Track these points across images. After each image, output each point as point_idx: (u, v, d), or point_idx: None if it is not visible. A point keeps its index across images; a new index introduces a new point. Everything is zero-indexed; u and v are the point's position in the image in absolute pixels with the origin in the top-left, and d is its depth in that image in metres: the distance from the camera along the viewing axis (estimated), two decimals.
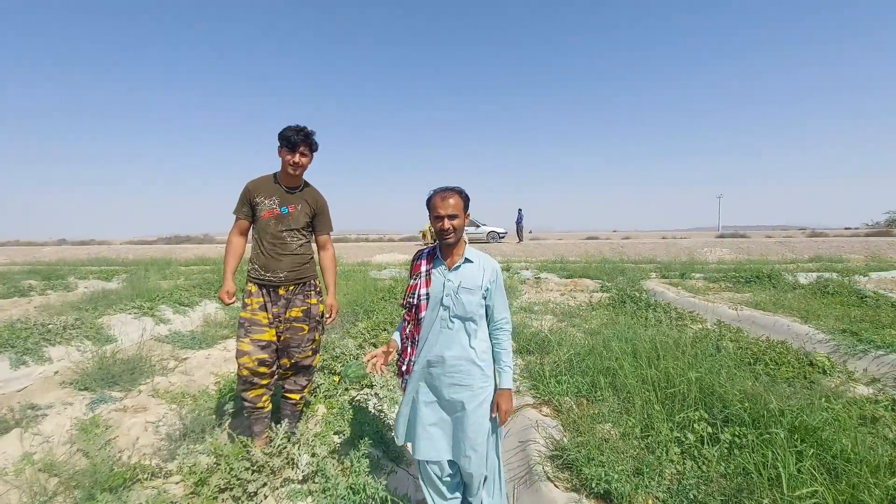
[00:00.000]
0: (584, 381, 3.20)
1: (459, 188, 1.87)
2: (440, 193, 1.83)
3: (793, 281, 8.70)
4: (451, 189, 1.85)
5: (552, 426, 2.60)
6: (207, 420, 2.99)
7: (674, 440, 2.44)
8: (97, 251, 22.19)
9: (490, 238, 23.98)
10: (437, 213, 1.80)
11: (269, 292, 2.49)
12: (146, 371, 4.07)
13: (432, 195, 1.86)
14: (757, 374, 3.56)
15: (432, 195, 1.86)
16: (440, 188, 1.87)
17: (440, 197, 1.82)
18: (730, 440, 2.41)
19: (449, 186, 1.86)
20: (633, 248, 18.84)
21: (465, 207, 1.87)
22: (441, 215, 1.80)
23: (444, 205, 1.80)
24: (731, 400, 2.68)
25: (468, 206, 1.89)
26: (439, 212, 1.80)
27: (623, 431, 2.54)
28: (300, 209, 2.53)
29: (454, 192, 1.84)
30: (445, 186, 1.87)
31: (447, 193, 1.82)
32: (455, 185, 1.88)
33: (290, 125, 2.45)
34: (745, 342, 4.42)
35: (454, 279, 1.85)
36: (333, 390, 3.30)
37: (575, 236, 32.23)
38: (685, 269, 11.08)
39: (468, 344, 1.84)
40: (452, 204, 1.80)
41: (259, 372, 2.42)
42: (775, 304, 6.66)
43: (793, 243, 18.70)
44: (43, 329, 5.04)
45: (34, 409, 3.27)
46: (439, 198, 1.82)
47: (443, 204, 1.80)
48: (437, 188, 1.88)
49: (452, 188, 1.86)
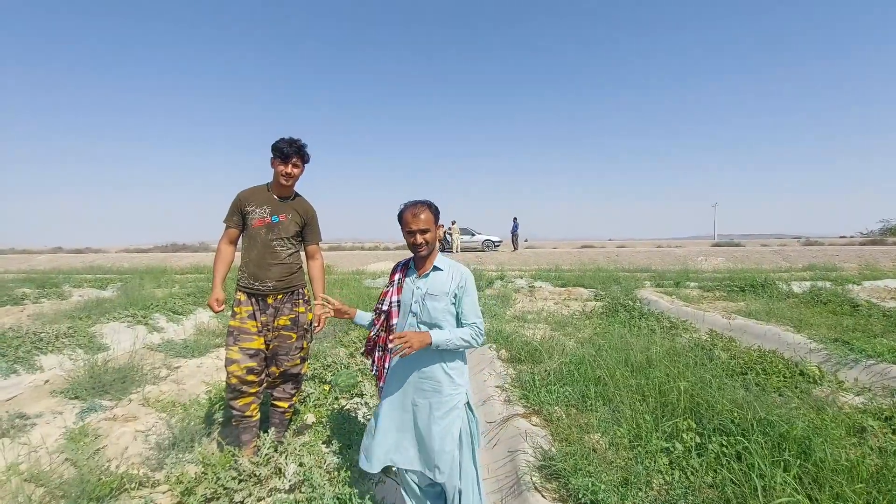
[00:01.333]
0: (574, 390, 3.20)
1: (429, 202, 1.90)
2: (411, 209, 1.86)
3: (787, 290, 8.74)
4: (421, 203, 1.88)
5: (541, 436, 2.60)
6: (197, 429, 2.98)
7: (662, 450, 2.45)
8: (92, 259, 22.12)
9: (485, 246, 24.01)
10: (409, 228, 1.83)
11: (257, 301, 2.51)
12: (137, 380, 4.05)
13: (403, 211, 1.88)
14: (747, 384, 3.58)
15: (403, 211, 1.88)
16: (410, 203, 1.89)
17: (411, 213, 1.84)
18: (717, 450, 2.42)
19: (418, 201, 1.89)
20: (628, 256, 18.91)
21: (436, 220, 1.90)
22: (413, 230, 1.83)
23: (416, 220, 1.83)
24: (720, 409, 2.69)
25: (438, 218, 1.92)
26: (411, 227, 1.83)
27: (612, 441, 2.54)
28: (290, 218, 2.56)
29: (424, 206, 1.87)
30: (415, 201, 1.89)
31: (417, 209, 1.85)
32: (424, 199, 1.90)
33: (283, 137, 2.49)
34: (737, 351, 4.44)
35: (422, 286, 1.88)
36: (323, 399, 3.29)
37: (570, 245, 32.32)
38: (680, 277, 11.11)
39: (436, 352, 1.85)
40: (423, 219, 1.83)
41: (247, 380, 2.43)
42: (768, 314, 6.68)
43: (787, 252, 18.82)
44: (35, 338, 5.02)
45: (23, 418, 3.24)
46: (410, 214, 1.84)
47: (414, 220, 1.83)
48: (406, 203, 1.90)
49: (422, 202, 1.88)
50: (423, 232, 1.83)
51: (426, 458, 1.83)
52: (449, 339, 1.79)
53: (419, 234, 1.83)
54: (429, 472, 1.80)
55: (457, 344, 1.81)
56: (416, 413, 1.86)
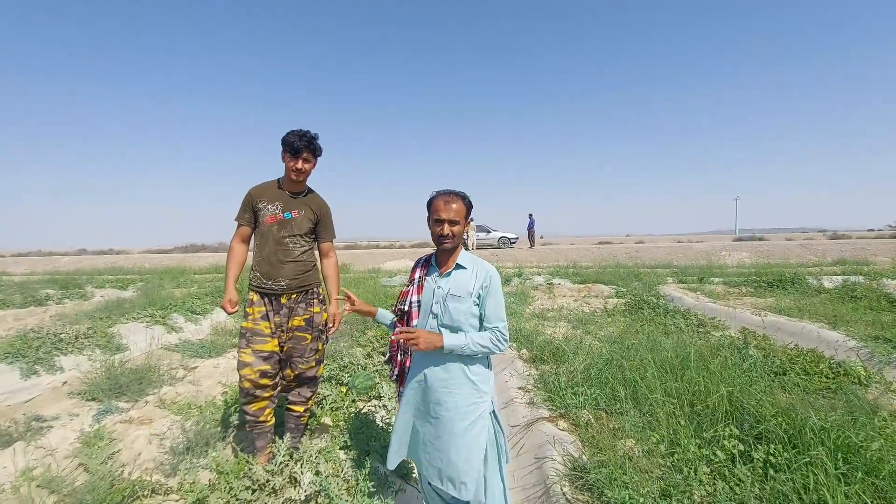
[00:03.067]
0: (602, 392, 3.04)
1: (464, 193, 1.77)
2: (444, 196, 1.73)
3: (817, 285, 8.39)
4: (455, 193, 1.75)
5: (570, 442, 2.45)
6: (212, 433, 2.90)
7: (702, 458, 2.27)
8: (115, 260, 22.56)
9: (501, 244, 23.80)
10: (439, 216, 1.70)
11: (270, 301, 2.40)
12: (154, 381, 4.01)
13: (435, 197, 1.76)
14: (786, 385, 3.37)
15: (435, 197, 1.76)
16: (444, 190, 1.76)
17: (443, 200, 1.72)
18: (764, 459, 2.24)
19: (453, 190, 1.76)
20: (648, 252, 18.49)
21: (467, 215, 1.77)
22: (443, 219, 1.70)
23: (447, 209, 1.70)
24: (763, 414, 2.50)
25: (470, 213, 1.79)
26: (441, 215, 1.70)
27: (647, 448, 2.38)
28: (303, 214, 2.45)
29: (458, 196, 1.74)
30: (449, 190, 1.76)
31: (451, 197, 1.72)
32: (459, 190, 1.77)
33: (293, 130, 2.37)
34: (773, 350, 4.20)
35: (444, 286, 1.75)
36: (340, 402, 3.19)
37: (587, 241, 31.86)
38: (703, 273, 10.77)
39: (458, 356, 1.72)
40: (455, 209, 1.70)
41: (261, 384, 2.33)
42: (800, 310, 6.39)
43: (814, 246, 18.16)
44: (55, 338, 5.04)
45: (39, 420, 3.21)
46: (442, 201, 1.72)
47: (446, 208, 1.70)
48: (440, 190, 1.77)
49: (457, 193, 1.75)
50: (452, 223, 1.70)
51: (450, 473, 1.69)
52: (464, 345, 1.66)
53: (448, 224, 1.69)
54: (453, 489, 1.66)
55: (473, 350, 1.68)
56: (438, 424, 1.73)
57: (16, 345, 4.72)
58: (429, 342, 1.61)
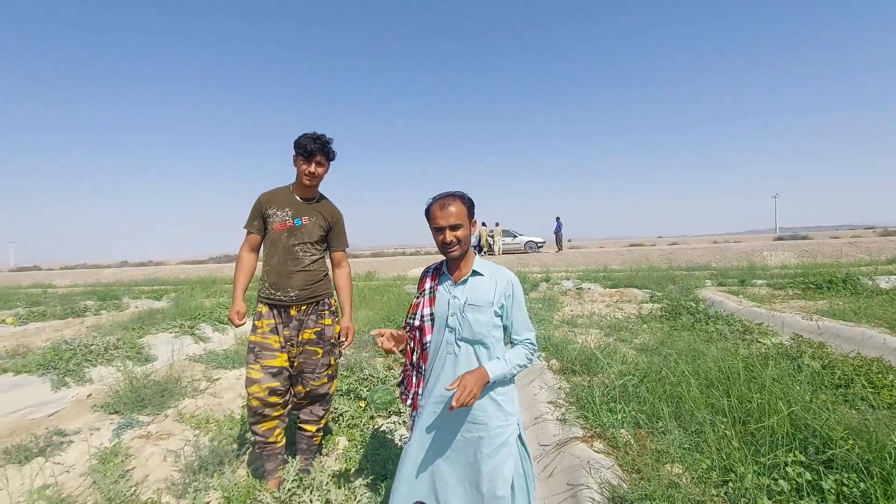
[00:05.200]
0: (642, 409, 2.77)
1: (461, 193, 1.59)
2: (439, 202, 1.55)
3: (872, 285, 7.76)
4: (450, 195, 1.57)
5: (607, 466, 2.20)
6: (226, 450, 2.79)
7: (762, 488, 1.99)
8: (153, 272, 23.40)
9: (528, 248, 23.43)
10: (438, 223, 1.53)
11: (279, 313, 2.27)
12: (176, 393, 3.97)
13: (430, 204, 1.58)
14: (852, 400, 3.01)
15: (430, 204, 1.58)
16: (438, 195, 1.59)
17: (439, 205, 1.54)
18: (836, 490, 1.94)
19: (449, 192, 1.58)
20: (683, 254, 17.74)
21: (470, 214, 1.58)
22: (441, 226, 1.52)
23: (445, 214, 1.52)
24: (831, 436, 2.18)
25: (473, 212, 1.60)
26: (439, 222, 1.53)
27: (696, 475, 2.10)
28: (314, 221, 2.31)
29: (455, 197, 1.56)
30: (445, 193, 1.58)
31: (447, 200, 1.54)
32: (456, 191, 1.59)
33: (306, 132, 2.25)
34: (833, 360, 3.80)
35: (460, 295, 1.57)
36: (358, 418, 3.03)
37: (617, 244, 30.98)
38: (745, 275, 10.17)
39: None
40: (454, 212, 1.52)
41: (270, 402, 2.19)
42: (857, 313, 5.87)
43: (864, 243, 16.99)
44: (86, 350, 5.11)
45: (60, 434, 3.18)
46: (438, 206, 1.54)
47: (442, 213, 1.52)
48: (435, 196, 1.60)
49: (453, 193, 1.57)
50: (453, 228, 1.52)
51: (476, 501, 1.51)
52: (507, 372, 1.51)
53: (449, 230, 1.52)
54: None
55: (514, 373, 1.53)
56: (460, 452, 1.54)
57: (48, 356, 4.80)
58: (479, 383, 1.42)
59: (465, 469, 1.55)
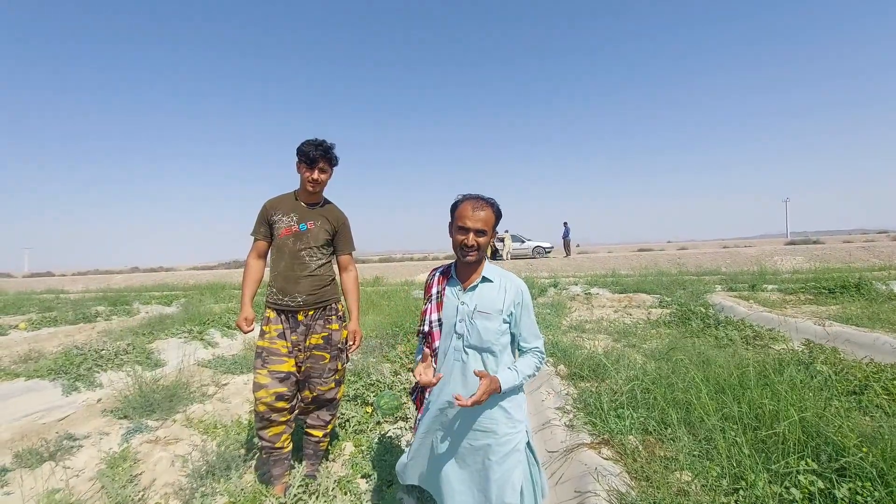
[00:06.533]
0: (650, 415, 2.73)
1: (493, 200, 1.57)
2: (472, 201, 1.53)
3: (886, 291, 7.63)
4: (484, 200, 1.55)
5: (615, 473, 2.18)
6: (233, 455, 2.80)
7: (774, 497, 1.95)
8: (163, 277, 23.64)
9: (536, 253, 23.35)
10: (465, 223, 1.51)
11: (287, 318, 2.28)
12: (185, 398, 3.99)
13: (461, 200, 1.56)
14: (866, 407, 2.95)
15: (461, 200, 1.56)
16: (471, 195, 1.57)
17: (471, 206, 1.52)
18: (849, 499, 1.90)
19: (482, 196, 1.56)
20: (693, 258, 17.58)
21: (496, 225, 1.57)
22: (468, 227, 1.50)
23: (475, 217, 1.50)
24: (845, 443, 2.14)
25: (498, 223, 1.59)
26: (467, 223, 1.50)
27: (706, 483, 2.07)
28: (319, 226, 2.33)
29: (488, 204, 1.54)
30: (478, 195, 1.56)
31: (480, 203, 1.53)
32: (489, 197, 1.57)
33: (308, 139, 2.27)
34: (845, 366, 3.74)
35: (469, 301, 1.55)
36: (364, 424, 3.02)
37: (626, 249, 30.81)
38: (755, 280, 10.04)
39: None
40: (483, 217, 1.51)
41: (277, 407, 2.19)
42: (871, 319, 5.77)
43: (878, 248, 16.74)
44: (96, 355, 5.16)
45: (70, 439, 3.22)
46: (470, 206, 1.52)
47: (473, 216, 1.50)
48: (467, 194, 1.58)
49: (487, 199, 1.56)
50: (479, 233, 1.50)
51: None
52: (518, 383, 1.51)
53: (474, 233, 1.50)
54: None
55: (524, 382, 1.53)
56: (467, 458, 1.53)
57: (60, 361, 4.87)
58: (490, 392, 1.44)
59: (472, 476, 1.54)
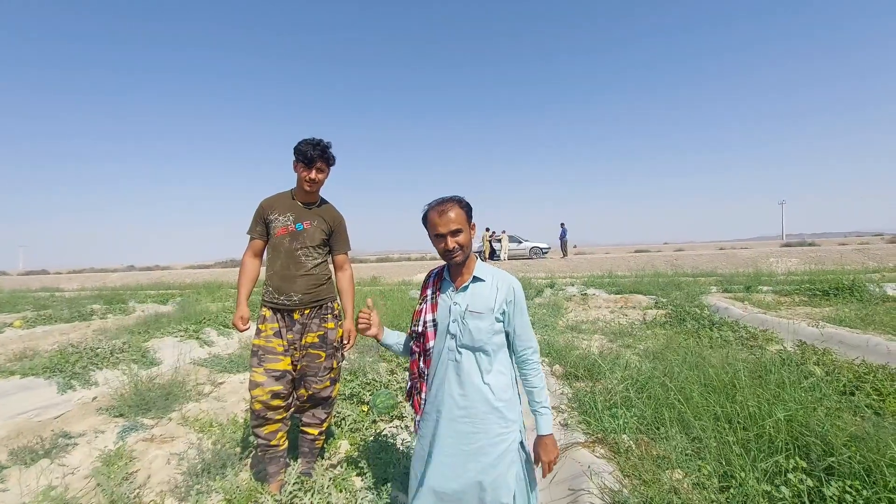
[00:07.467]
0: (644, 414, 2.76)
1: (458, 197, 1.58)
2: (436, 208, 1.54)
3: (879, 293, 7.70)
4: (447, 200, 1.56)
5: (608, 472, 2.20)
6: (229, 453, 2.81)
7: (763, 495, 1.98)
8: (159, 276, 23.56)
9: (533, 254, 23.39)
10: (438, 230, 1.52)
11: (283, 317, 2.29)
12: (181, 396, 4.00)
13: (427, 212, 1.57)
14: (856, 408, 2.98)
15: (427, 212, 1.57)
16: (435, 201, 1.58)
17: (437, 212, 1.53)
18: (838, 497, 1.93)
19: (444, 197, 1.57)
20: (689, 260, 17.67)
21: (469, 218, 1.58)
22: (442, 233, 1.51)
23: (444, 220, 1.51)
24: (834, 443, 2.17)
25: (471, 215, 1.60)
26: (439, 230, 1.51)
27: (697, 481, 2.10)
28: (315, 225, 2.34)
29: (453, 202, 1.55)
30: (440, 199, 1.58)
31: (445, 206, 1.53)
32: (451, 195, 1.58)
33: (305, 139, 2.28)
34: (836, 367, 3.78)
35: (461, 302, 1.56)
36: (360, 422, 3.04)
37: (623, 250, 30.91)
38: (751, 281, 10.12)
39: (481, 380, 1.54)
40: (453, 217, 1.51)
41: (273, 405, 2.20)
42: (863, 320, 5.83)
43: (872, 250, 16.87)
44: (92, 353, 5.15)
45: (66, 437, 3.22)
46: (436, 213, 1.53)
47: (442, 220, 1.51)
48: (431, 202, 1.59)
49: (450, 198, 1.57)
50: (454, 234, 1.51)
51: None
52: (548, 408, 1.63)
53: (450, 236, 1.51)
54: None
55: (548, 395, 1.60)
56: (458, 460, 1.54)
57: (55, 359, 4.85)
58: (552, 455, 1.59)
59: (467, 476, 1.55)
